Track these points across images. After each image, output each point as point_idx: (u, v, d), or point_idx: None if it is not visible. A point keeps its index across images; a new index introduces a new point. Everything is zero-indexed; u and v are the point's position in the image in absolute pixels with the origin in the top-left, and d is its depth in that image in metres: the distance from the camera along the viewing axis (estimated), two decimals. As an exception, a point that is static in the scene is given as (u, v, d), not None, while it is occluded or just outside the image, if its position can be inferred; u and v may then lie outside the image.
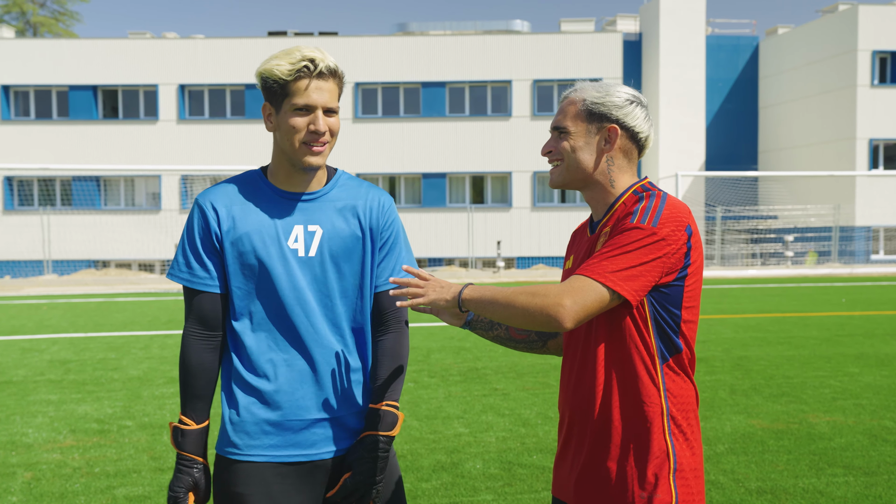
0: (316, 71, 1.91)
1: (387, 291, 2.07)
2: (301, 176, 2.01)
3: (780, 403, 6.35)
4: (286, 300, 1.97)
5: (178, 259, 2.00)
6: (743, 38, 32.71)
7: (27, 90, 28.64)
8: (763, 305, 14.35)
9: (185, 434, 1.96)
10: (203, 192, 2.04)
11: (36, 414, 6.21)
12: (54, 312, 14.33)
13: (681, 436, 1.85)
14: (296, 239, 1.98)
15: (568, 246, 2.13)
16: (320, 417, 1.99)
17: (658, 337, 1.85)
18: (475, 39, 28.49)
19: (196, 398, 1.98)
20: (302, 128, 1.92)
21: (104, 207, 28.32)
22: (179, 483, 1.95)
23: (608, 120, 1.91)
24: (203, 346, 1.99)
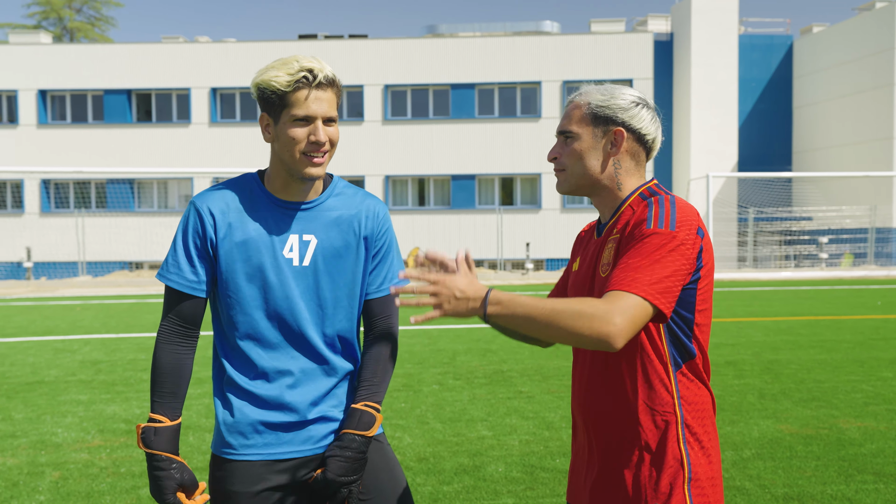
0: (315, 81, 1.90)
1: (378, 298, 2.10)
2: (298, 185, 2.01)
3: (810, 408, 6.24)
4: (279, 308, 1.99)
5: (169, 260, 2.01)
6: (777, 37, 32.22)
7: (63, 94, 29.20)
8: (795, 308, 14.12)
9: (157, 431, 1.93)
10: (199, 194, 2.03)
11: (66, 414, 6.32)
12: (87, 313, 14.58)
13: (696, 444, 1.82)
14: (290, 248, 1.99)
15: (573, 248, 2.11)
16: (313, 418, 2.02)
17: (671, 343, 1.82)
18: (504, 41, 28.44)
19: (170, 395, 1.98)
20: (302, 139, 1.92)
21: (138, 209, 28.76)
22: (166, 490, 1.92)
23: (614, 123, 1.88)
24: (179, 343, 2.00)
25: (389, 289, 1.86)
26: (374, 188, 28.43)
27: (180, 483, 1.94)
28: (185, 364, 2.00)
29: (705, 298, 1.84)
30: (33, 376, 7.98)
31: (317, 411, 2.02)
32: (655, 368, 1.81)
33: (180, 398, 2.00)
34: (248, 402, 2.00)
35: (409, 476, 4.66)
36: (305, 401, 2.01)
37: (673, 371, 1.82)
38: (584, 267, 1.99)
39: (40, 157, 28.08)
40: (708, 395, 1.87)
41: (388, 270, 2.11)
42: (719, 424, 5.76)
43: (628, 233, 1.80)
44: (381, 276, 2.10)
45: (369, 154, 27.99)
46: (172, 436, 1.96)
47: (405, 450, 5.19)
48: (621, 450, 1.83)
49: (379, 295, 2.09)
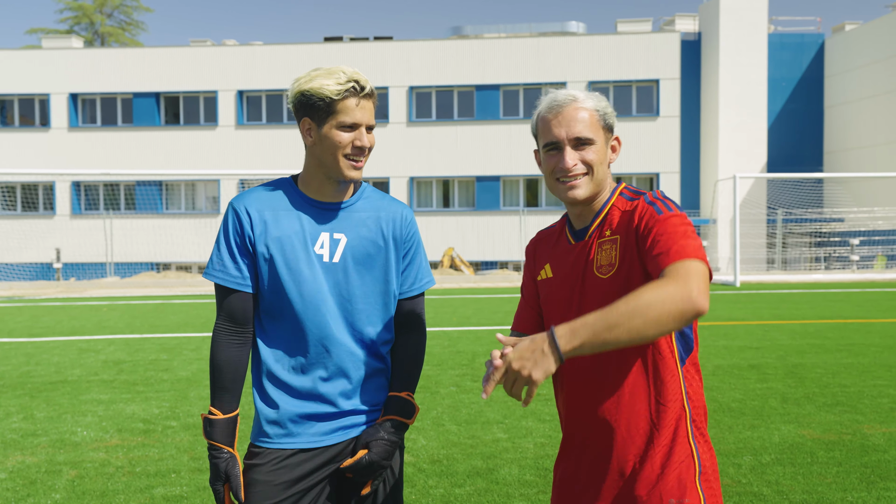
0: (363, 92, 2.05)
1: (408, 298, 2.25)
2: (333, 187, 2.14)
3: (834, 413, 6.11)
4: (311, 301, 2.10)
5: (213, 259, 2.13)
6: (807, 35, 31.75)
7: (94, 98, 29.65)
8: (824, 311, 13.87)
9: (213, 423, 2.08)
10: (237, 196, 2.17)
11: (86, 413, 6.39)
12: (113, 314, 14.77)
13: (701, 438, 1.85)
14: (321, 245, 2.12)
15: (535, 255, 2.08)
16: (343, 410, 2.13)
17: (678, 337, 1.84)
18: (530, 41, 28.35)
19: (224, 390, 2.10)
20: (347, 143, 2.05)
21: (165, 211, 29.11)
22: (214, 477, 2.07)
23: (613, 130, 1.96)
24: (232, 341, 2.11)
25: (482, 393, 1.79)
26: (399, 190, 28.49)
27: (226, 473, 2.05)
28: (238, 360, 2.11)
29: None
30: (57, 375, 8.08)
31: (349, 404, 2.13)
32: (667, 363, 1.83)
33: (235, 393, 2.12)
34: (284, 392, 2.11)
35: (422, 478, 4.64)
36: (337, 393, 2.12)
37: (680, 365, 1.84)
38: (565, 272, 1.96)
39: (71, 160, 28.55)
40: (702, 391, 1.91)
41: (418, 271, 2.25)
42: (739, 429, 5.67)
43: (643, 228, 1.81)
44: (410, 277, 2.23)
45: (394, 156, 28.06)
46: (225, 428, 2.08)
47: (419, 451, 5.16)
48: (635, 449, 1.83)
49: (410, 295, 2.23)
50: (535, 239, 2.11)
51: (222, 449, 2.07)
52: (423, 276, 2.26)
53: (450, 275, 25.56)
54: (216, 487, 2.07)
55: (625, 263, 1.84)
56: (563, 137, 1.89)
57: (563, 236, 2.02)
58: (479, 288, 21.03)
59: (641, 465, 1.82)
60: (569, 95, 1.91)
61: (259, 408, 2.14)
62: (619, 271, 1.84)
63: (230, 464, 2.06)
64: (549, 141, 1.92)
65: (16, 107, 30.00)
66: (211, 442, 2.08)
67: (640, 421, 1.82)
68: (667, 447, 1.81)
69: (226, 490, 2.06)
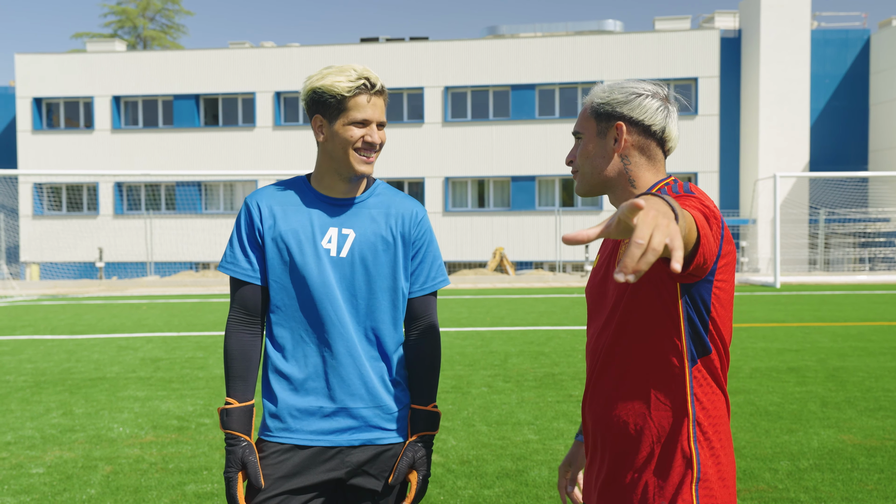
0: (374, 89, 2.07)
1: (419, 298, 2.22)
2: (344, 184, 2.15)
3: (876, 418, 5.94)
4: (317, 295, 2.10)
5: (227, 252, 2.16)
6: (852, 31, 31.01)
7: (136, 100, 30.21)
8: (867, 313, 13.53)
9: (229, 413, 2.08)
10: (252, 192, 2.21)
11: (123, 410, 6.49)
12: (152, 312, 15.01)
13: (706, 444, 1.77)
14: (329, 240, 2.12)
15: (600, 249, 2.08)
16: (342, 407, 2.12)
17: (689, 336, 1.76)
18: (566, 40, 28.17)
19: (238, 378, 2.11)
20: (358, 139, 2.07)
21: (205, 211, 29.52)
22: (229, 464, 2.06)
23: (614, 117, 1.83)
24: (244, 331, 2.14)
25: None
26: (434, 190, 28.52)
27: (243, 461, 2.05)
28: (251, 350, 2.13)
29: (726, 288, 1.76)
30: (96, 372, 8.24)
31: (351, 402, 2.12)
32: (671, 363, 1.76)
33: (250, 382, 2.13)
34: (286, 385, 2.12)
35: (451, 479, 4.62)
36: (339, 389, 2.11)
37: (689, 366, 1.76)
38: (599, 264, 1.95)
39: (114, 161, 29.13)
40: (722, 397, 1.81)
41: (430, 270, 2.22)
42: (777, 433, 5.54)
43: None
44: (422, 276, 2.21)
45: (429, 156, 28.09)
46: (242, 416, 2.09)
47: (448, 452, 5.14)
48: (631, 445, 1.79)
49: (421, 294, 2.21)
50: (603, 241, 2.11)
51: (239, 437, 2.07)
52: (435, 274, 2.23)
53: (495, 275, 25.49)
54: (229, 475, 2.04)
55: None
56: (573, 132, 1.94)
57: None
58: (513, 288, 20.94)
59: (634, 464, 1.78)
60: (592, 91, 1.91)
61: (263, 402, 2.16)
62: None
63: (247, 451, 2.05)
64: None
65: (61, 109, 30.70)
66: (228, 431, 2.08)
67: (637, 419, 1.78)
68: (664, 446, 1.75)
69: (239, 478, 2.05)
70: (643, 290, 1.75)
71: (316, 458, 2.10)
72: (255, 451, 2.10)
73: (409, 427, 2.20)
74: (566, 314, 13.60)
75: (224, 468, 2.09)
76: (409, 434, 2.19)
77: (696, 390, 1.76)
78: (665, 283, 1.73)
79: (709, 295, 1.74)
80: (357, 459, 2.12)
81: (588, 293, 2.00)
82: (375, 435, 2.14)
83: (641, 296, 1.76)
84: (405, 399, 2.21)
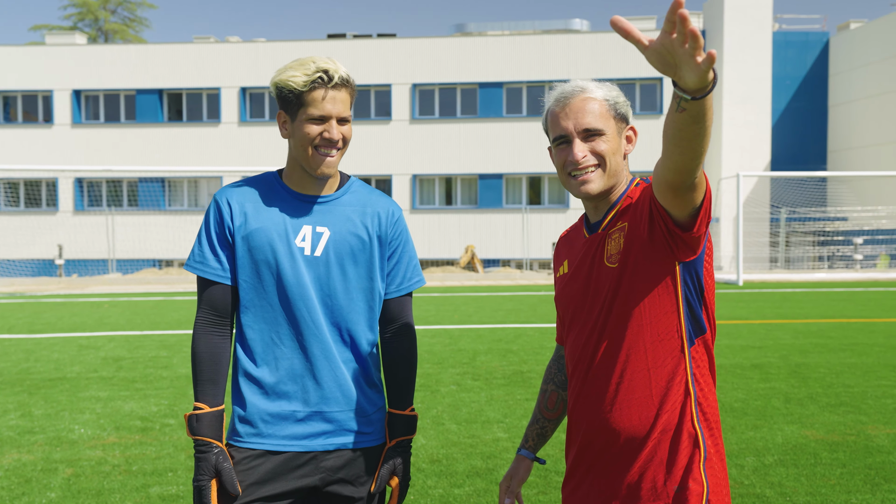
0: (331, 83, 1.97)
1: (395, 298, 2.16)
2: (314, 180, 2.08)
3: (838, 414, 6.05)
4: (290, 295, 2.04)
5: (194, 250, 2.08)
6: (812, 33, 31.60)
7: (97, 94, 29.64)
8: (827, 310, 13.80)
9: (199, 418, 1.99)
10: (221, 189, 2.13)
11: (84, 410, 6.35)
12: (114, 310, 14.74)
13: (705, 422, 1.80)
14: (303, 238, 2.06)
15: (556, 256, 2.06)
16: (316, 411, 2.05)
17: (687, 317, 1.79)
18: (533, 39, 28.27)
19: (207, 382, 2.03)
20: (315, 136, 2.00)
21: (168, 208, 29.09)
22: (200, 472, 1.98)
23: (625, 120, 1.88)
24: (213, 332, 2.06)
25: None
26: (402, 187, 28.44)
27: (215, 466, 1.97)
28: (221, 352, 2.05)
29: (710, 266, 1.84)
30: (56, 372, 8.05)
31: (326, 406, 2.06)
32: (671, 343, 1.78)
33: (220, 385, 2.05)
34: (257, 389, 2.05)
35: (421, 478, 4.59)
36: (313, 393, 2.05)
37: (688, 347, 1.78)
38: (576, 265, 1.93)
39: (74, 156, 28.55)
40: (714, 380, 1.85)
41: (406, 270, 2.16)
42: (742, 429, 5.61)
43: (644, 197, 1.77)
44: (398, 277, 2.15)
45: (397, 153, 28.01)
46: (213, 421, 2.01)
47: (418, 451, 5.12)
48: (637, 439, 1.79)
49: (396, 295, 2.15)
50: (559, 240, 2.08)
51: (211, 443, 1.99)
52: (411, 275, 2.18)
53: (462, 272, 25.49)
54: (201, 483, 1.96)
55: (631, 249, 1.78)
56: (570, 130, 1.84)
57: (580, 231, 1.97)
58: (480, 286, 20.97)
59: (643, 447, 1.78)
60: (576, 86, 1.85)
61: (233, 406, 2.09)
62: (623, 257, 1.79)
63: (220, 457, 1.98)
64: (557, 135, 1.86)
65: (19, 103, 29.99)
66: (197, 438, 1.99)
67: (642, 401, 1.78)
68: (673, 429, 1.77)
69: (213, 486, 1.98)
70: (643, 278, 1.76)
71: (289, 463, 2.04)
72: (229, 457, 2.03)
73: (386, 431, 2.15)
74: (534, 312, 13.65)
75: (194, 476, 2.01)
76: (388, 439, 2.14)
77: (694, 371, 1.79)
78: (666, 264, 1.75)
79: (702, 269, 1.79)
80: (332, 464, 2.06)
81: (563, 301, 1.97)
82: (351, 439, 2.09)
83: (640, 284, 1.77)
84: (380, 401, 2.17)
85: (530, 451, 2.13)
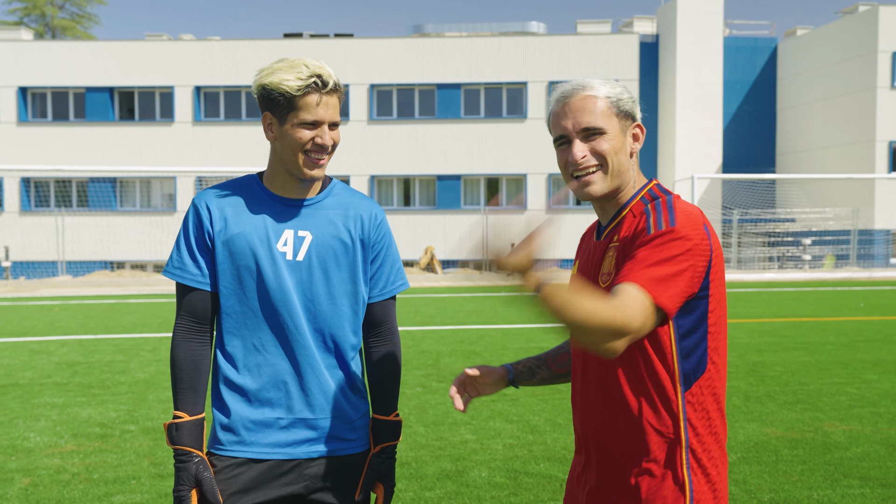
0: (325, 88, 1.94)
1: (379, 303, 2.13)
2: (297, 183, 2.04)
3: (796, 411, 6.20)
4: (273, 301, 2.00)
5: (173, 256, 2.04)
6: (761, 39, 32.36)
7: (44, 92, 28.86)
8: (779, 310, 14.13)
9: (178, 427, 1.95)
10: (200, 192, 2.09)
11: (39, 417, 6.17)
12: (66, 314, 14.36)
13: (699, 470, 1.69)
14: (285, 242, 2.02)
15: (577, 250, 2.01)
16: (300, 418, 2.02)
17: (682, 359, 1.68)
18: (491, 41, 28.38)
19: (187, 390, 1.99)
20: (307, 140, 1.96)
21: (120, 209, 28.46)
22: (180, 482, 1.93)
23: (633, 118, 1.81)
24: (193, 339, 2.01)
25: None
26: (360, 188, 28.27)
27: (196, 476, 1.93)
28: (201, 360, 2.01)
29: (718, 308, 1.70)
30: (7, 378, 7.80)
31: (309, 412, 2.03)
32: (662, 385, 1.68)
33: (200, 394, 2.01)
34: (239, 397, 2.01)
35: (390, 482, 4.56)
36: (297, 400, 2.01)
37: (682, 390, 1.68)
38: (583, 270, 1.89)
39: (20, 155, 27.73)
40: (720, 418, 1.73)
41: (390, 274, 2.13)
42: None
43: (629, 243, 1.70)
44: (382, 280, 2.12)
45: (354, 154, 27.85)
46: (193, 430, 1.97)
47: (386, 454, 5.09)
48: (621, 467, 1.73)
49: (380, 299, 2.12)
50: (582, 236, 2.00)
51: (191, 453, 1.95)
52: (395, 278, 2.14)
53: (422, 273, 25.45)
54: (181, 494, 1.92)
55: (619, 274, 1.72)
56: (570, 129, 1.77)
57: (594, 232, 1.91)
58: (440, 287, 20.98)
59: (625, 489, 1.71)
60: (577, 84, 1.79)
61: (214, 413, 2.04)
62: (612, 281, 1.72)
63: (201, 467, 1.94)
64: (558, 134, 1.80)
65: (-38, 100, 29.05)
66: (178, 447, 1.94)
67: (629, 443, 1.71)
68: (655, 472, 1.69)
69: (193, 497, 1.93)
70: None
71: (272, 471, 2.00)
72: (210, 466, 1.99)
73: (370, 437, 2.13)
74: (495, 313, 13.70)
75: (174, 486, 1.96)
76: (372, 445, 2.12)
77: (689, 415, 1.69)
78: None
79: (706, 308, 1.68)
80: (316, 472, 2.03)
81: None
82: (335, 446, 2.06)
83: None
84: (364, 407, 2.14)
85: (512, 368, 2.04)
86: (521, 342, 9.97)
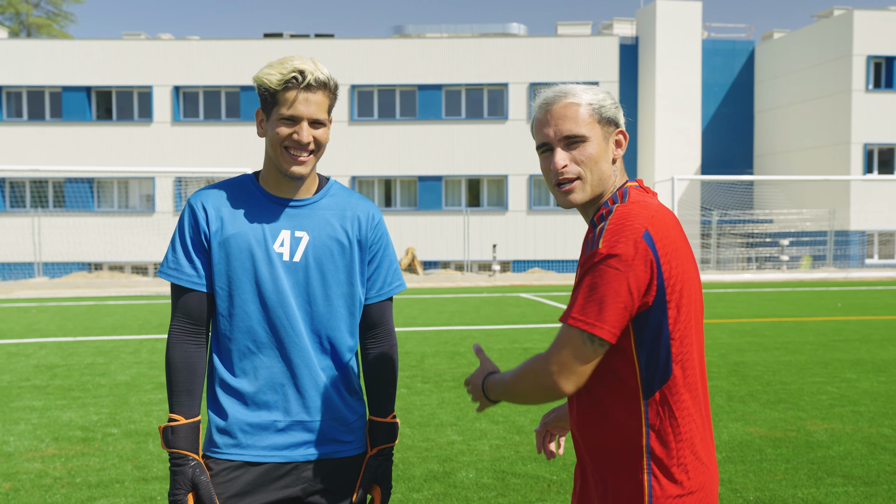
0: (304, 83, 1.91)
1: (376, 304, 2.12)
2: (290, 182, 2.02)
3: (778, 410, 6.25)
4: (269, 302, 1.99)
5: (168, 257, 2.02)
6: (739, 42, 32.68)
7: (20, 91, 28.48)
8: (759, 310, 14.27)
9: (174, 430, 1.93)
10: (195, 192, 2.07)
11: (18, 421, 6.08)
12: (43, 316, 14.18)
13: (665, 478, 1.68)
14: (282, 243, 2.00)
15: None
16: (297, 420, 2.01)
17: (645, 367, 1.67)
18: (472, 42, 28.41)
19: (183, 393, 1.97)
20: (285, 137, 1.95)
21: (97, 209, 28.15)
22: (176, 486, 1.91)
23: (616, 124, 1.80)
24: (189, 341, 1.99)
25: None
26: (340, 189, 28.16)
27: (192, 480, 1.91)
28: (197, 362, 1.99)
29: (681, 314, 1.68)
30: (-15, 382, 7.69)
31: (305, 415, 2.01)
32: (629, 391, 1.68)
33: (196, 396, 1.99)
34: (235, 399, 2.00)
35: (378, 483, 4.55)
36: (294, 402, 2.00)
37: (644, 396, 1.68)
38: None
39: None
40: (691, 418, 1.71)
41: (387, 275, 2.12)
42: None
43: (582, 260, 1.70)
44: (379, 281, 2.11)
45: (335, 155, 27.75)
46: (189, 433, 1.95)
47: (373, 456, 5.07)
48: (596, 468, 1.77)
49: (377, 300, 2.11)
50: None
51: (187, 456, 1.93)
52: (392, 279, 2.13)
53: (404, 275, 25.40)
54: (177, 498, 1.90)
55: None
56: (552, 137, 1.76)
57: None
58: (422, 288, 20.96)
59: (597, 489, 1.76)
60: (559, 91, 1.77)
61: (210, 416, 2.02)
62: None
63: (197, 470, 1.92)
64: (541, 142, 1.78)
65: (-65, 99, 28.59)
66: (173, 451, 1.92)
67: (601, 445, 1.73)
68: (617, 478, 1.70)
69: (190, 500, 1.91)
70: None
71: (269, 474, 1.99)
72: (206, 469, 1.97)
73: (367, 439, 2.12)
74: (478, 314, 13.71)
75: (170, 490, 1.93)
76: (369, 447, 2.11)
77: (652, 421, 1.68)
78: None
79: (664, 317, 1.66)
80: (313, 474, 2.02)
81: None
82: (332, 448, 2.05)
83: None
84: (361, 409, 2.13)
85: None
86: (504, 342, 9.99)
